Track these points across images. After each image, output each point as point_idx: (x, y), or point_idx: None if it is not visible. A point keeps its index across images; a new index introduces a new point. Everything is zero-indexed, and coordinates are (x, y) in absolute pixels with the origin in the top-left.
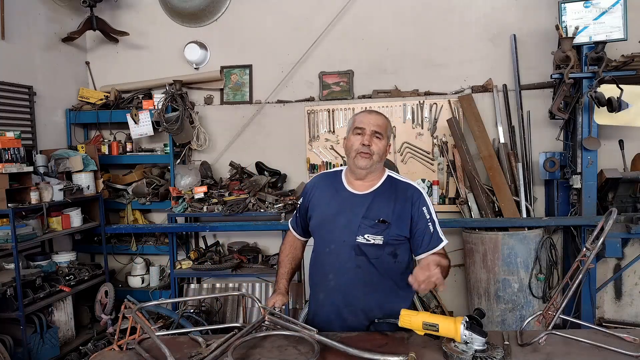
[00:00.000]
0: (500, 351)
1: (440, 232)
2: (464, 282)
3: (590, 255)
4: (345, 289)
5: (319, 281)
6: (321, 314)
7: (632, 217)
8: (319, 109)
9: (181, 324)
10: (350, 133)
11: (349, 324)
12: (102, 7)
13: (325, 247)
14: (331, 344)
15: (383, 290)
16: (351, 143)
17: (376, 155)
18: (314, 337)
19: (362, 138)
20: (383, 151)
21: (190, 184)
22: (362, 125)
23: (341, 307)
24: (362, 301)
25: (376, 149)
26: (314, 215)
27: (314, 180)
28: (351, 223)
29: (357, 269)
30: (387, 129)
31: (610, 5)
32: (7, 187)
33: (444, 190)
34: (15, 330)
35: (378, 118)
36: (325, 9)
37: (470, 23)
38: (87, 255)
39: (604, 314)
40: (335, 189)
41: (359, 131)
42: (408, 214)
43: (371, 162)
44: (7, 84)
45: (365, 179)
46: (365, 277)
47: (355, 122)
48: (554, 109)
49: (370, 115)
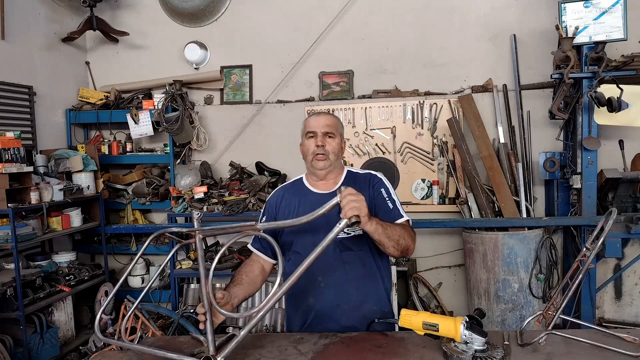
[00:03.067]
0: (500, 351)
1: (402, 209)
2: (464, 282)
3: (590, 255)
4: (336, 287)
5: (306, 287)
6: (313, 317)
7: (632, 217)
8: (319, 109)
9: (181, 324)
10: (304, 138)
11: (342, 323)
12: (102, 7)
13: (306, 252)
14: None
15: (372, 283)
16: (306, 148)
17: (332, 154)
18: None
19: (316, 140)
20: (338, 149)
21: (190, 184)
22: (312, 129)
23: (334, 306)
24: (354, 296)
25: (330, 148)
26: (285, 231)
27: (275, 195)
28: (330, 220)
29: (345, 265)
30: (337, 127)
31: (610, 5)
32: (7, 187)
33: (444, 190)
34: (15, 330)
35: (327, 118)
36: (325, 9)
37: (470, 23)
38: (87, 255)
39: (604, 314)
40: (301, 196)
41: (311, 134)
42: (371, 198)
43: (329, 161)
44: (7, 84)
45: (327, 178)
46: (354, 271)
47: (306, 127)
48: (554, 109)
49: (318, 117)
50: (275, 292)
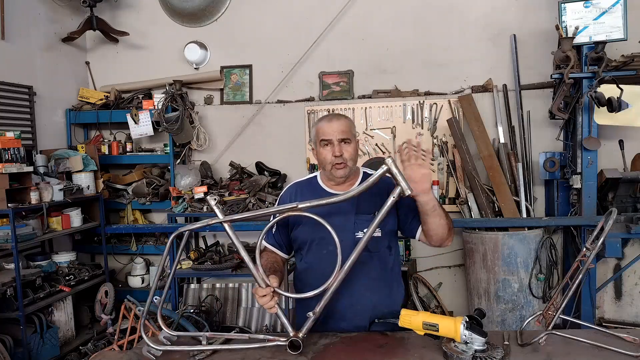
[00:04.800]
0: (500, 351)
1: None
2: (464, 282)
3: (590, 255)
4: (351, 287)
5: (319, 285)
6: (325, 316)
7: (632, 217)
8: (319, 109)
9: (181, 324)
10: (318, 145)
11: (355, 323)
12: (102, 7)
13: (321, 251)
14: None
15: (385, 285)
16: (323, 156)
17: (350, 160)
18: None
19: (332, 148)
20: (355, 153)
21: (190, 184)
22: (327, 137)
23: (348, 306)
24: (369, 297)
25: (348, 155)
26: (302, 223)
27: (290, 191)
28: (346, 222)
29: (361, 266)
30: (351, 129)
31: (610, 5)
32: (7, 187)
33: (444, 190)
34: (15, 330)
35: (340, 123)
36: (325, 9)
37: (470, 23)
38: (87, 255)
39: (604, 314)
40: (318, 195)
41: (326, 142)
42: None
43: (348, 168)
44: (7, 84)
45: (345, 183)
46: (369, 272)
47: (319, 134)
48: (554, 109)
49: (331, 123)
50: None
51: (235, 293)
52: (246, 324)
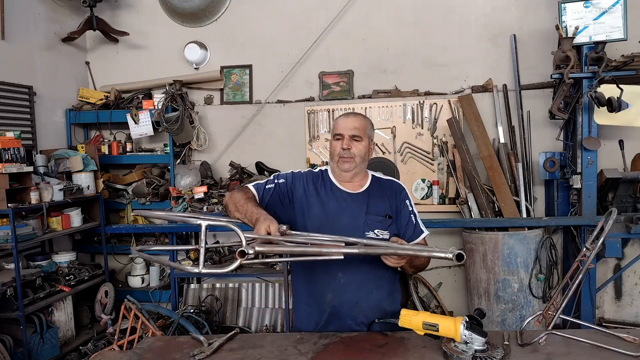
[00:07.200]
0: (500, 351)
1: (422, 224)
2: (464, 282)
3: (590, 255)
4: (356, 284)
5: (325, 282)
6: (329, 314)
7: (632, 217)
8: (319, 109)
9: (181, 324)
10: (332, 139)
11: (360, 321)
12: (102, 7)
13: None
14: None
15: (390, 285)
16: (333, 148)
17: (357, 157)
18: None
19: (342, 142)
20: (364, 152)
21: (190, 184)
22: (340, 131)
23: (353, 303)
24: (374, 295)
25: (356, 151)
26: (311, 213)
27: (303, 174)
28: (356, 220)
29: (366, 264)
30: (365, 129)
31: (610, 5)
32: (7, 187)
33: (444, 190)
34: (15, 330)
35: (355, 121)
36: (325, 9)
37: (470, 23)
38: (87, 255)
39: (604, 314)
40: (328, 188)
41: (339, 136)
42: (396, 208)
43: (354, 164)
44: (7, 84)
45: (353, 180)
46: (375, 271)
47: (335, 128)
48: (554, 109)
49: (347, 119)
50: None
51: (235, 293)
52: (246, 324)
